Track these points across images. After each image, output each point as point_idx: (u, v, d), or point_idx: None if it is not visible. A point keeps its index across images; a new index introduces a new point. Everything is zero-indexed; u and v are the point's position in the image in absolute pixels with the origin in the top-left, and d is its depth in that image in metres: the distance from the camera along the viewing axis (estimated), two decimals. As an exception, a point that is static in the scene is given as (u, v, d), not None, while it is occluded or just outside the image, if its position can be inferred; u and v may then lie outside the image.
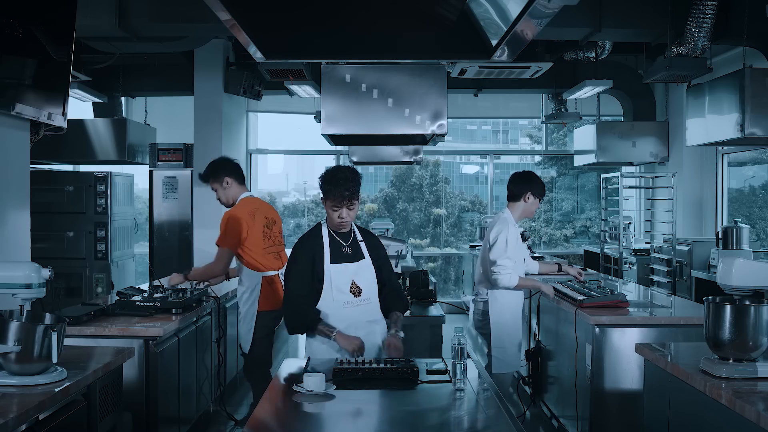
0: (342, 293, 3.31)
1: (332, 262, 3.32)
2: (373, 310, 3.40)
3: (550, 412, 5.02)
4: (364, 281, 3.37)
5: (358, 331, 3.30)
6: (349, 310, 3.31)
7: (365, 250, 3.41)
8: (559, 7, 1.98)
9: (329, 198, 3.26)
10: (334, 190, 3.24)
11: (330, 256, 3.32)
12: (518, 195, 4.45)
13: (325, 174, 3.30)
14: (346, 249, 3.36)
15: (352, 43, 2.72)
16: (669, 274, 7.49)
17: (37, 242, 4.89)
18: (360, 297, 3.34)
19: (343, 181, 3.23)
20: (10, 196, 4.16)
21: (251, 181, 9.97)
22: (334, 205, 3.27)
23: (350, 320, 3.30)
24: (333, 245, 3.35)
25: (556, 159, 11.29)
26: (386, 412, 2.61)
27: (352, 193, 3.24)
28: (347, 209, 3.27)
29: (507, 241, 4.31)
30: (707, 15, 5.44)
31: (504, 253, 4.28)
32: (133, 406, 3.61)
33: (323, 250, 3.33)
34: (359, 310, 3.34)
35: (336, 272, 3.31)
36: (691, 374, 2.68)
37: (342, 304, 3.31)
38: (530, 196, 4.43)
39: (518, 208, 4.47)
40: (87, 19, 5.40)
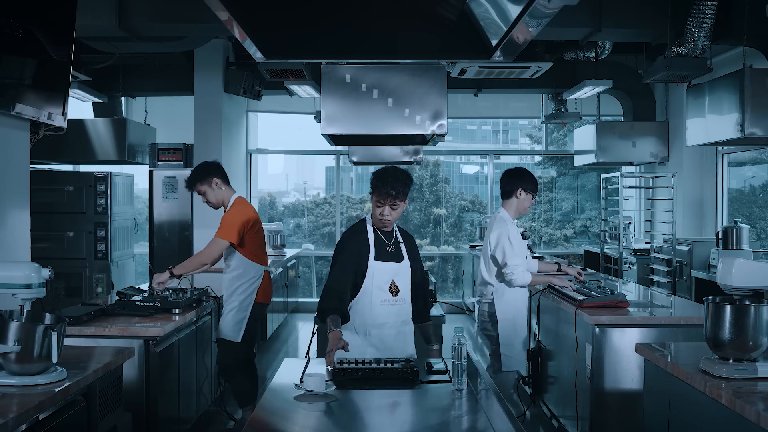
0: (381, 291, 3.37)
1: (377, 259, 3.37)
2: (406, 311, 3.48)
3: (550, 412, 5.02)
4: (402, 282, 3.43)
5: (390, 329, 3.39)
6: (385, 308, 3.37)
7: (405, 252, 3.48)
8: (559, 7, 1.98)
9: (375, 193, 3.33)
10: (381, 187, 3.29)
11: (375, 252, 3.38)
12: (510, 192, 4.48)
13: (378, 170, 3.37)
14: (390, 248, 3.42)
15: (352, 43, 2.72)
16: (669, 274, 7.49)
17: (37, 242, 4.89)
18: (397, 297, 3.40)
19: (391, 179, 3.28)
20: (10, 196, 4.16)
21: (251, 181, 9.97)
22: (378, 200, 3.32)
23: (384, 318, 3.38)
24: (378, 242, 3.41)
25: (556, 159, 11.29)
26: (386, 412, 2.61)
27: (397, 192, 3.29)
28: (390, 207, 3.32)
29: (510, 240, 4.32)
30: (707, 15, 5.44)
31: (512, 253, 4.30)
32: (133, 406, 3.61)
33: (369, 245, 3.39)
34: (394, 309, 3.40)
35: (379, 269, 3.37)
36: (691, 374, 2.68)
37: (379, 301, 3.37)
38: (522, 191, 4.45)
39: (512, 205, 4.49)
40: (87, 19, 5.40)
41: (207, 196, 4.64)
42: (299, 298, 10.06)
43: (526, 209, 4.56)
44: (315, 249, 10.73)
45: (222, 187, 4.63)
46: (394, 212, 3.35)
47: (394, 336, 3.37)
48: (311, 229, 11.24)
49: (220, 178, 4.64)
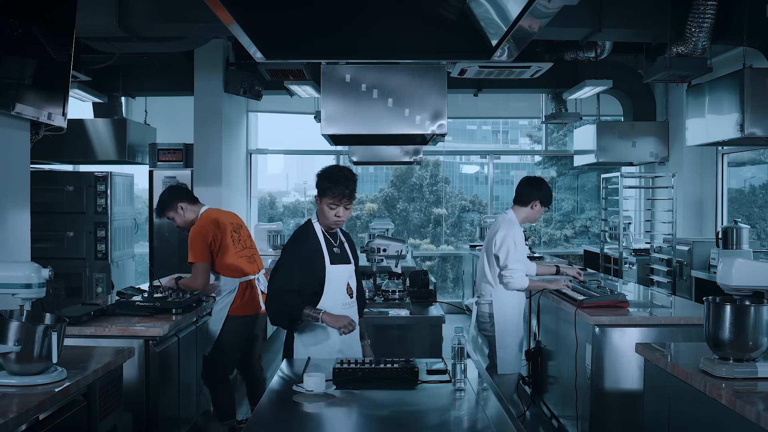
0: (341, 294, 3.37)
1: (332, 263, 3.34)
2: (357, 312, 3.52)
3: (550, 412, 5.02)
4: (353, 283, 3.46)
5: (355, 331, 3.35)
6: (346, 311, 3.35)
7: (349, 252, 3.47)
8: (559, 7, 1.98)
9: (327, 195, 3.28)
10: (334, 188, 3.26)
11: (329, 257, 3.35)
12: (526, 201, 4.48)
13: (324, 171, 3.32)
14: (336, 249, 3.40)
15: (352, 43, 2.72)
16: (669, 274, 7.49)
17: (37, 242, 4.89)
18: (352, 298, 3.43)
19: (343, 179, 3.26)
20: (10, 196, 4.17)
21: (251, 181, 9.97)
22: (332, 203, 3.28)
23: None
24: (327, 245, 3.38)
25: (556, 159, 11.29)
26: (386, 412, 2.61)
27: (351, 191, 3.28)
28: (344, 208, 3.30)
29: (515, 243, 4.33)
30: (707, 15, 5.44)
31: (514, 256, 4.31)
32: (133, 406, 3.61)
33: (322, 250, 3.34)
34: (352, 311, 3.42)
35: (336, 273, 3.35)
36: (691, 374, 2.68)
37: (341, 306, 3.35)
38: (537, 204, 4.47)
39: (523, 212, 4.50)
40: (87, 19, 5.40)
41: (176, 222, 4.61)
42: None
43: (535, 219, 4.59)
44: (315, 249, 10.70)
45: (188, 209, 4.57)
46: (347, 212, 3.33)
47: (352, 336, 3.36)
48: (311, 229, 11.22)
49: (185, 201, 4.58)
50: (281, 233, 8.65)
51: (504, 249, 4.33)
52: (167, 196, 4.63)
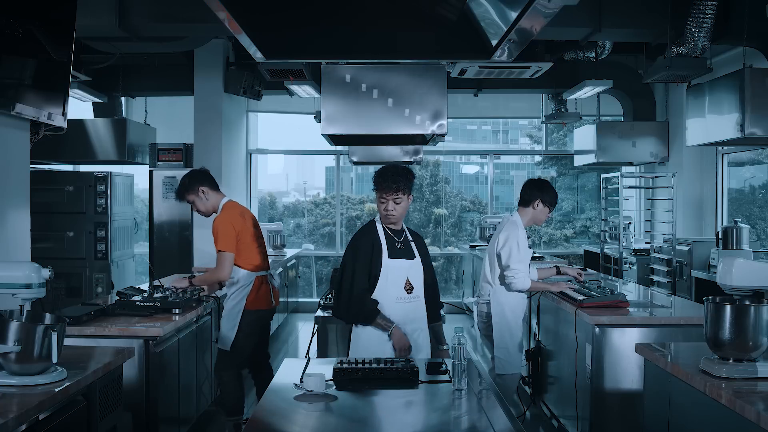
0: (397, 288, 3.40)
1: (390, 256, 3.39)
2: (421, 309, 3.50)
3: (550, 412, 5.02)
4: (416, 279, 3.46)
5: (406, 327, 3.40)
6: (400, 306, 3.39)
7: (416, 249, 3.51)
8: (559, 7, 1.98)
9: (378, 190, 3.37)
10: (383, 182, 3.34)
11: (387, 250, 3.40)
12: (528, 201, 4.47)
13: (379, 168, 3.42)
14: (399, 245, 3.45)
15: (352, 43, 2.72)
16: (669, 274, 7.49)
17: (37, 242, 4.89)
18: (411, 294, 3.43)
19: (392, 174, 3.34)
20: (10, 196, 4.17)
21: (251, 181, 9.97)
22: (381, 197, 3.36)
23: (400, 316, 3.40)
24: (389, 240, 3.43)
25: (556, 159, 11.29)
26: (386, 412, 2.61)
27: (398, 186, 3.33)
28: (393, 202, 3.36)
29: (518, 244, 4.32)
30: (707, 15, 5.44)
31: (516, 257, 4.30)
32: (133, 406, 3.61)
33: (381, 244, 3.41)
34: (410, 307, 3.43)
35: (393, 267, 3.40)
36: (691, 374, 2.68)
37: (395, 299, 3.39)
38: (540, 203, 4.45)
39: (527, 213, 4.49)
40: (87, 19, 5.40)
41: (196, 205, 4.61)
42: (299, 298, 10.06)
43: (541, 221, 4.56)
44: (315, 249, 10.73)
45: (210, 194, 4.58)
46: (398, 206, 3.37)
47: (408, 334, 3.38)
48: (311, 229, 11.24)
49: (208, 186, 4.58)
50: (281, 233, 8.65)
51: (506, 249, 4.33)
52: (189, 178, 4.62)
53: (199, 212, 4.66)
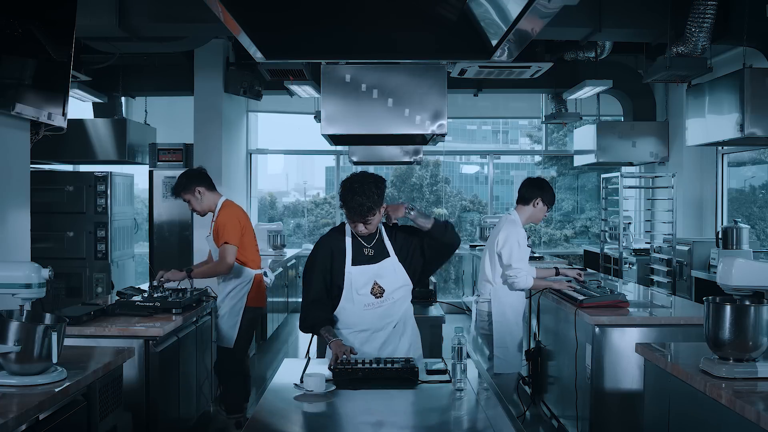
0: (362, 295, 3.22)
1: (354, 264, 3.23)
2: (397, 310, 3.28)
3: (550, 412, 5.02)
4: (388, 281, 3.25)
5: (378, 333, 3.25)
6: (369, 312, 3.23)
7: (390, 247, 3.27)
8: (559, 7, 1.98)
9: (344, 209, 3.15)
10: (348, 211, 3.12)
11: (352, 258, 3.24)
12: (528, 199, 4.47)
13: (343, 186, 3.15)
14: (367, 251, 3.26)
15: (352, 42, 2.72)
16: (669, 274, 7.49)
17: (37, 242, 4.89)
18: (382, 297, 3.23)
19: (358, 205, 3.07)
20: (10, 196, 4.17)
21: (251, 181, 9.97)
22: (349, 220, 3.18)
23: (370, 323, 3.24)
24: (355, 246, 3.26)
25: (556, 159, 11.29)
26: (386, 412, 2.61)
27: (366, 212, 3.09)
28: (363, 225, 3.15)
29: (519, 243, 4.33)
30: (707, 15, 5.44)
31: (517, 255, 4.31)
32: (133, 406, 3.61)
33: (344, 252, 3.25)
34: (381, 312, 3.24)
35: (357, 274, 3.22)
36: (691, 374, 2.68)
37: (363, 307, 3.23)
38: (540, 202, 4.45)
39: (526, 212, 4.49)
40: (87, 19, 5.40)
41: (192, 205, 4.62)
42: (299, 298, 10.04)
43: (539, 220, 4.58)
44: (315, 249, 10.71)
45: (206, 194, 4.59)
46: (369, 226, 3.17)
47: (384, 340, 3.25)
48: (311, 229, 11.24)
49: (204, 185, 4.59)
50: (281, 233, 8.65)
51: (507, 248, 4.33)
52: (186, 177, 4.63)
53: (194, 211, 4.68)
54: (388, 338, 3.29)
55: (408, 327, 3.37)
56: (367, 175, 3.17)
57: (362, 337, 3.26)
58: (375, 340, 3.28)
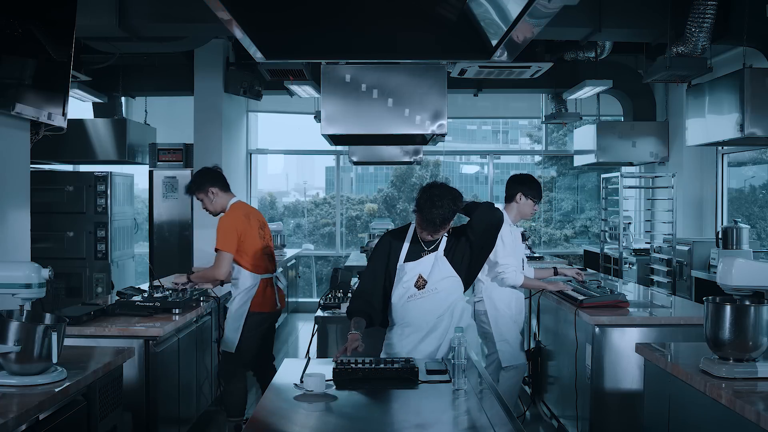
0: (407, 288, 3.33)
1: (406, 260, 3.35)
2: (441, 300, 3.33)
3: (550, 412, 5.02)
4: (431, 273, 3.32)
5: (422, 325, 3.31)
6: (412, 303, 3.32)
7: (443, 243, 3.36)
8: (559, 7, 1.98)
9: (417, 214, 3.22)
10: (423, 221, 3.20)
11: (406, 255, 3.35)
12: (511, 196, 4.48)
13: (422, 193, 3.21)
14: (425, 253, 3.36)
15: (352, 42, 2.72)
16: (669, 274, 7.49)
17: (37, 242, 4.89)
18: (425, 289, 3.30)
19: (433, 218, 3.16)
20: (10, 196, 4.17)
21: (251, 181, 9.97)
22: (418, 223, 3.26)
23: (414, 313, 3.32)
24: (413, 247, 3.36)
25: (556, 159, 11.29)
26: (386, 412, 2.61)
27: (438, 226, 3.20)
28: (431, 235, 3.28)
29: (503, 240, 4.31)
30: (707, 15, 5.44)
31: (503, 252, 4.31)
32: (133, 406, 3.61)
33: (401, 249, 3.36)
34: (424, 302, 3.31)
35: (406, 269, 3.33)
36: (691, 374, 2.68)
37: (406, 299, 3.33)
38: (521, 197, 4.44)
39: (513, 209, 4.49)
40: (87, 19, 5.40)
41: (204, 204, 4.61)
42: (299, 298, 10.06)
43: (528, 215, 4.55)
44: (315, 249, 10.73)
45: (219, 195, 4.57)
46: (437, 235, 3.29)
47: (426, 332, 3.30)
48: (311, 229, 11.25)
49: (218, 186, 4.58)
50: (281, 233, 8.65)
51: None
52: (200, 177, 4.62)
53: (207, 210, 4.66)
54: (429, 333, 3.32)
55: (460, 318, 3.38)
56: (447, 190, 3.24)
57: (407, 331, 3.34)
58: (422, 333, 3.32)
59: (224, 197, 4.60)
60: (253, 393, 5.13)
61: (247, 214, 4.59)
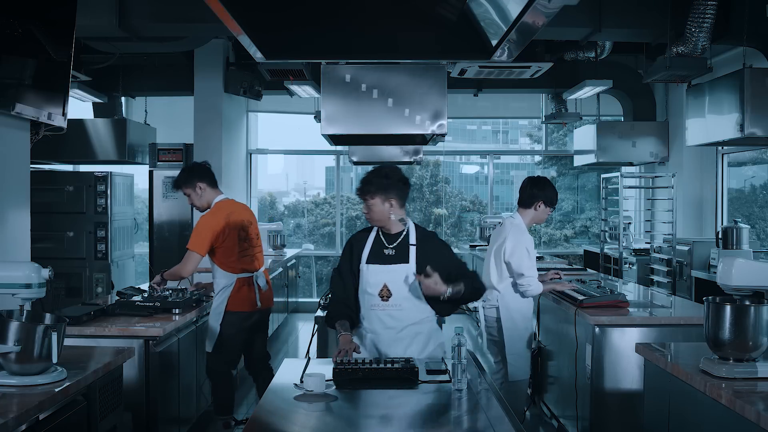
0: (370, 295, 3.24)
1: (368, 262, 3.27)
2: (403, 317, 3.23)
3: (550, 412, 5.02)
4: (398, 286, 3.22)
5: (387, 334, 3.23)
6: (374, 314, 3.25)
7: (413, 255, 3.25)
8: (559, 7, 1.98)
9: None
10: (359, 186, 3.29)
11: (368, 255, 3.28)
12: (529, 203, 4.35)
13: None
14: (388, 251, 3.27)
15: (352, 42, 2.72)
16: (669, 274, 7.49)
17: (37, 242, 4.89)
18: (388, 302, 3.22)
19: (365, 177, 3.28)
20: (10, 196, 4.17)
21: (251, 181, 9.97)
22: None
23: (375, 323, 3.25)
24: (376, 245, 3.30)
25: (556, 159, 11.30)
26: (386, 412, 2.61)
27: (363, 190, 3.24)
28: (366, 205, 3.26)
29: (528, 251, 4.24)
30: (707, 15, 5.44)
31: (528, 264, 4.23)
32: (133, 406, 3.61)
33: (363, 248, 3.31)
34: (384, 315, 3.23)
35: (368, 272, 3.25)
36: (691, 374, 2.68)
37: (369, 307, 3.25)
38: (541, 204, 4.34)
39: (528, 215, 4.38)
40: (87, 19, 5.40)
41: (191, 199, 4.58)
42: (299, 298, 10.06)
43: (543, 220, 4.45)
44: (315, 249, 10.73)
45: (207, 190, 4.55)
46: (371, 210, 3.23)
47: (387, 343, 3.24)
48: (311, 229, 11.25)
49: (206, 181, 4.55)
50: (281, 233, 8.65)
51: (517, 257, 4.23)
52: (188, 171, 4.59)
53: (194, 206, 4.65)
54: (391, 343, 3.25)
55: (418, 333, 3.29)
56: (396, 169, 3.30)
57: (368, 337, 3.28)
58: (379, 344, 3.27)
59: (212, 193, 4.58)
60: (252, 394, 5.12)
61: (228, 214, 4.52)
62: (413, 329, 3.27)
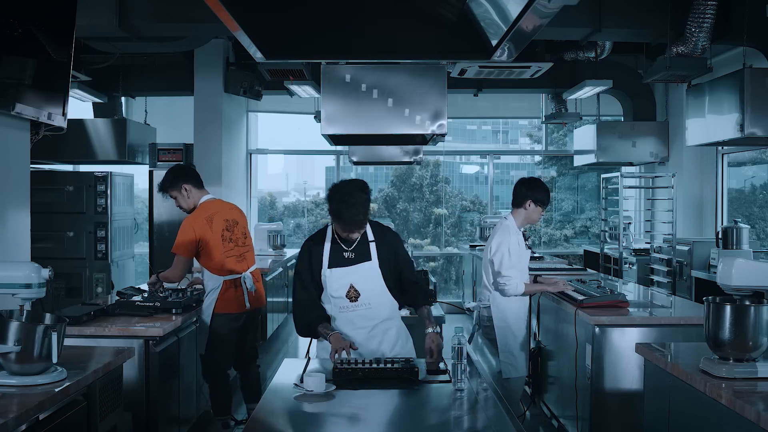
0: (338, 298, 3.24)
1: (330, 266, 3.24)
2: (374, 315, 3.26)
3: (550, 412, 5.02)
4: (365, 285, 3.24)
5: (358, 334, 3.24)
6: (344, 315, 3.25)
7: (374, 251, 3.27)
8: (559, 7, 1.98)
9: (337, 221, 3.14)
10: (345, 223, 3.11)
11: (328, 261, 3.25)
12: (519, 203, 4.41)
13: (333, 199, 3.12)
14: (348, 254, 3.26)
15: (353, 42, 2.72)
16: (669, 274, 7.49)
17: (37, 242, 4.89)
18: (357, 302, 3.23)
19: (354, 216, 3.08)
20: (10, 196, 4.17)
21: (251, 181, 9.97)
22: (341, 229, 3.16)
23: (345, 325, 3.25)
24: (334, 250, 3.26)
25: (556, 159, 11.29)
26: (386, 412, 2.61)
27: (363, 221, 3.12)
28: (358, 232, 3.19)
29: (509, 250, 4.28)
30: (707, 15, 5.44)
31: (507, 263, 4.26)
32: (133, 406, 3.61)
33: (322, 255, 3.25)
34: (355, 315, 3.24)
35: (332, 277, 3.23)
36: (691, 374, 2.68)
37: (338, 309, 3.26)
38: (531, 203, 4.37)
39: (520, 214, 4.43)
40: (87, 19, 5.40)
41: (178, 202, 4.56)
42: (299, 298, 10.03)
43: (535, 220, 4.49)
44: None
45: (193, 192, 4.53)
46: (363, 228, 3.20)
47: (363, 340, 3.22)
48: (311, 229, 11.24)
49: (191, 183, 4.53)
50: (281, 233, 8.65)
51: (498, 255, 4.29)
52: (173, 174, 4.56)
53: (180, 208, 4.63)
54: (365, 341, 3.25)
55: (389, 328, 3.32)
56: (353, 184, 3.17)
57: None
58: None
59: (197, 194, 4.56)
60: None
61: (211, 215, 4.49)
62: (383, 326, 3.30)
